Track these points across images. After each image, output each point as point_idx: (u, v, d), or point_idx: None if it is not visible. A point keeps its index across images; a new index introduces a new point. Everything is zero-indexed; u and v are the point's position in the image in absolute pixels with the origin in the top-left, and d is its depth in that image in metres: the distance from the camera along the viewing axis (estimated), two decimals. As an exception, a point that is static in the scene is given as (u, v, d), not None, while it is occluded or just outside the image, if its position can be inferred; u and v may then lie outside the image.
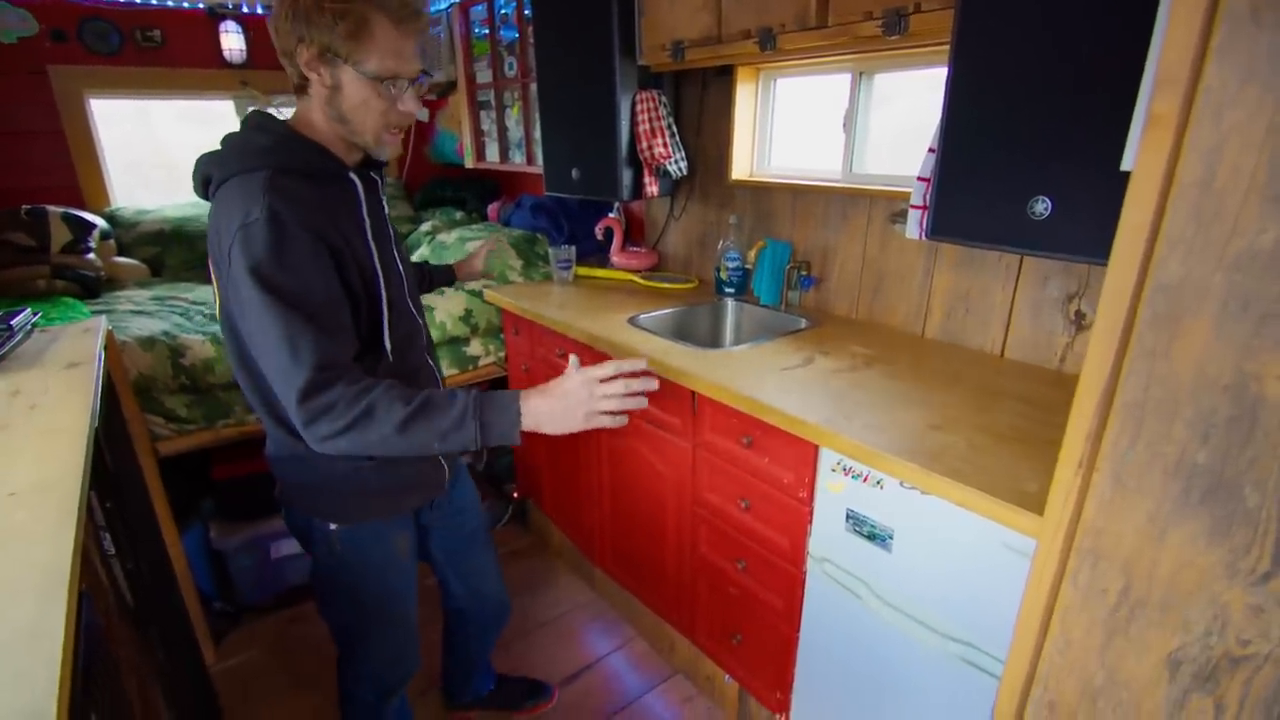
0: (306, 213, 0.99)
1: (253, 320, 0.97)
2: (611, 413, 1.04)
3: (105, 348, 1.50)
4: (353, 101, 1.02)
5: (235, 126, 1.11)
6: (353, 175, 1.11)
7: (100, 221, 2.47)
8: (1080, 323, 1.45)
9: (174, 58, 2.80)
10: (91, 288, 2.26)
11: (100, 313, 1.97)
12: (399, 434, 0.96)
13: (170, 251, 2.68)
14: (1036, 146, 1.12)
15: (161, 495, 1.79)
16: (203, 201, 3.08)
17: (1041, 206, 1.13)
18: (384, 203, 1.20)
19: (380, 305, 1.12)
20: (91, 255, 2.33)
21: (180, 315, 2.07)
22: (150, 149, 3.39)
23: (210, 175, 1.06)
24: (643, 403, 1.06)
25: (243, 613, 2.20)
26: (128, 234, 2.64)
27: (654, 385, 1.06)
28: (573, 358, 1.11)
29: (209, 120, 3.22)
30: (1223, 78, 0.59)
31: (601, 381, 1.03)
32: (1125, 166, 0.69)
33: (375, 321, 1.12)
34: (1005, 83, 1.13)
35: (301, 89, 1.06)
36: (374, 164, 1.19)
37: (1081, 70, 1.04)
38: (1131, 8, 0.95)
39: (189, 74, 2.85)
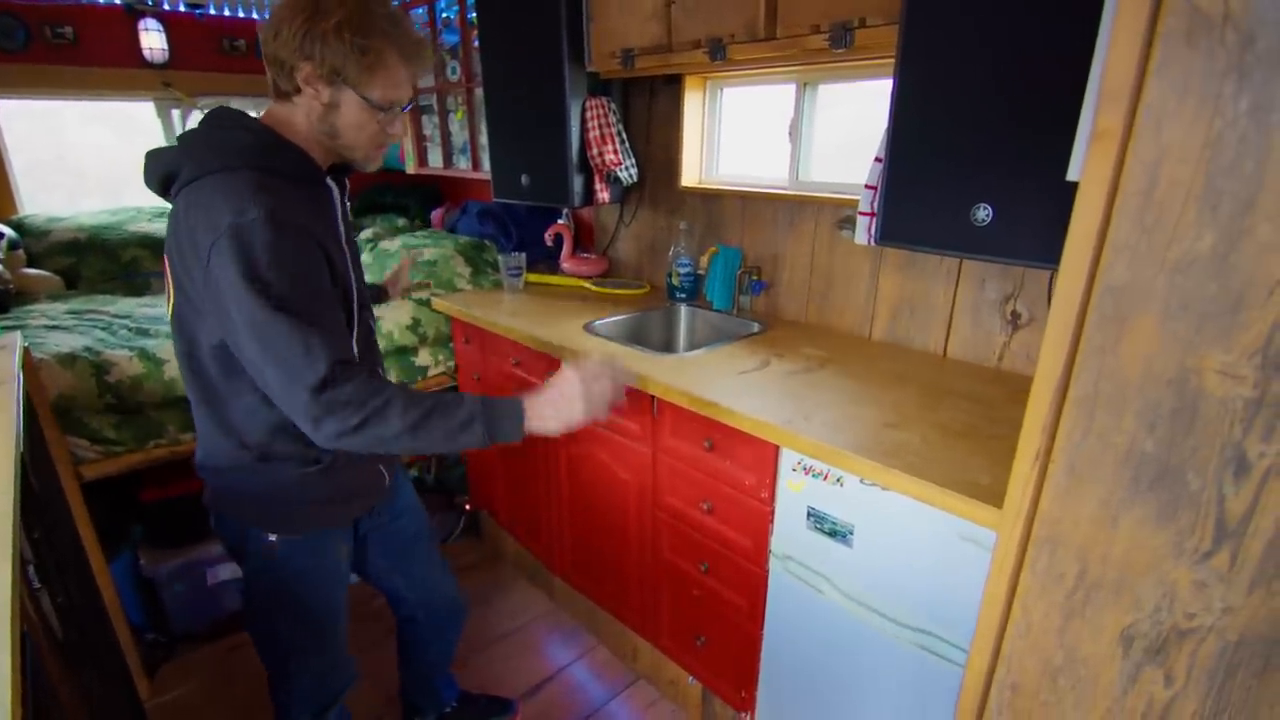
0: (302, 216, 0.99)
1: (247, 322, 0.94)
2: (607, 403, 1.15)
3: (23, 366, 1.40)
4: (348, 121, 1.05)
5: (155, 128, 1.09)
6: (330, 181, 1.11)
7: (7, 230, 2.30)
8: (1016, 322, 1.54)
9: (88, 56, 2.63)
10: (0, 302, 2.10)
11: (11, 329, 1.84)
12: (410, 433, 1.00)
13: (86, 262, 2.51)
14: (978, 156, 1.18)
15: (87, 522, 1.67)
16: (120, 209, 2.90)
17: (984, 213, 1.19)
18: (348, 210, 1.19)
19: (353, 309, 1.12)
20: (-2, 266, 2.16)
21: (103, 330, 1.95)
22: (53, 151, 3.17)
23: (175, 171, 1.01)
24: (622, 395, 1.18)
25: (177, 643, 2.07)
26: (38, 243, 2.46)
27: (634, 379, 1.17)
28: (565, 361, 1.19)
29: (119, 121, 3.04)
30: (1162, 95, 0.64)
31: (594, 377, 1.14)
32: (1071, 177, 0.74)
33: (348, 326, 1.11)
34: (948, 96, 1.19)
35: (285, 95, 1.04)
36: (343, 170, 1.18)
37: (1019, 85, 1.10)
38: (1067, 28, 1.02)
39: (105, 73, 2.68)
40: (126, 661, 1.74)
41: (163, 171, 1.03)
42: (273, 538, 1.18)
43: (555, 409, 1.11)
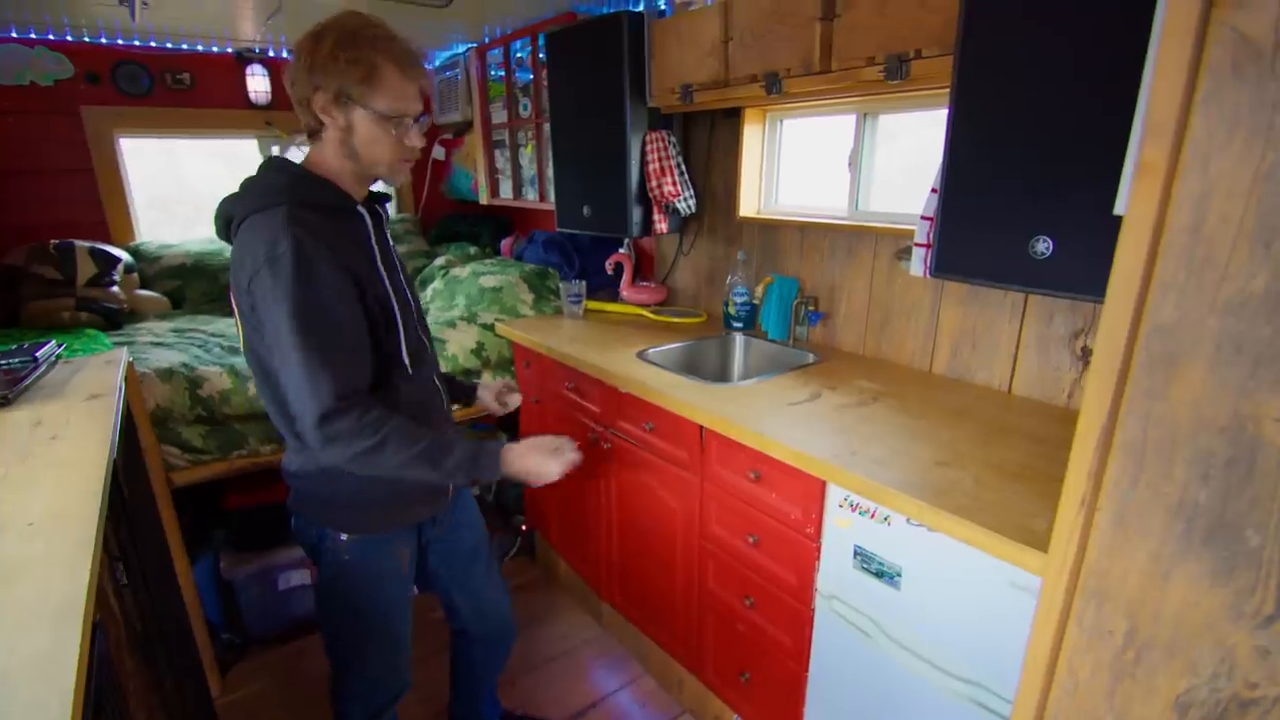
0: (329, 245, 1.08)
1: (279, 348, 1.07)
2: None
3: (125, 379, 1.54)
4: (364, 138, 1.12)
5: (258, 163, 1.20)
6: (361, 209, 1.19)
7: (125, 255, 2.55)
8: (1087, 359, 1.46)
9: (201, 99, 2.91)
10: (114, 319, 2.32)
11: (121, 344, 2.02)
12: (402, 469, 1.13)
13: (191, 284, 2.74)
14: (1037, 187, 1.14)
15: (174, 525, 1.81)
16: (223, 235, 3.13)
17: (1043, 246, 1.15)
18: (388, 234, 1.28)
19: (396, 325, 1.21)
20: (115, 288, 2.40)
21: (199, 347, 2.12)
22: (177, 185, 3.50)
23: (232, 215, 1.13)
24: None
25: (249, 644, 2.19)
26: (151, 267, 2.71)
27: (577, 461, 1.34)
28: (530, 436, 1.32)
29: (234, 157, 3.33)
30: (1209, 128, 0.61)
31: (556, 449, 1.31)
32: (1118, 211, 0.71)
33: (394, 340, 1.21)
34: (1005, 126, 1.16)
35: (315, 133, 1.15)
36: (379, 199, 1.28)
37: (1079, 114, 1.07)
38: (1125, 55, 0.98)
39: (215, 114, 2.95)
40: (200, 659, 1.85)
41: (223, 218, 1.16)
42: (344, 537, 1.28)
43: (535, 465, 1.26)
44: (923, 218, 1.46)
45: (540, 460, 1.26)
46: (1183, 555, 0.68)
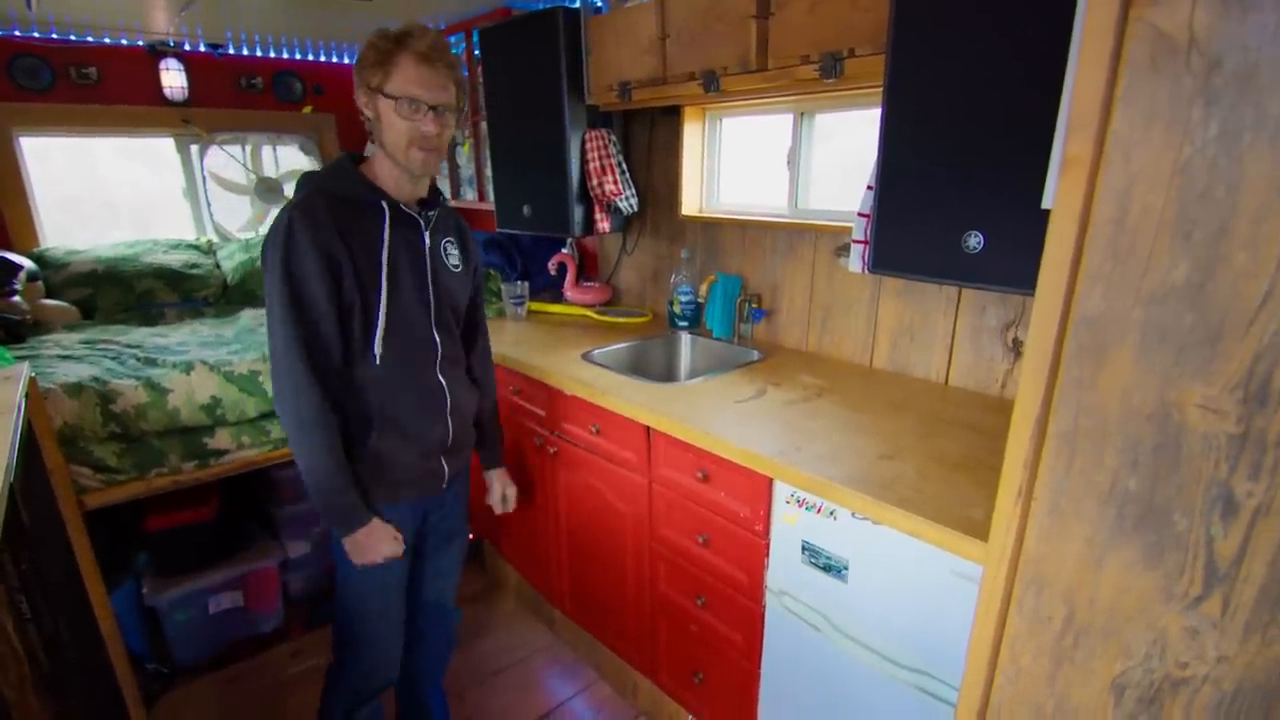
0: (317, 227, 1.17)
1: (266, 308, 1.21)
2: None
3: (27, 396, 1.42)
4: (385, 125, 1.19)
5: (176, 163, 1.21)
6: (383, 203, 1.24)
7: (27, 262, 2.37)
8: (1018, 350, 1.50)
9: (111, 95, 2.72)
10: (15, 332, 2.15)
11: (25, 358, 1.87)
12: (297, 457, 1.24)
13: (103, 292, 2.56)
14: (968, 183, 1.17)
15: (87, 551, 1.68)
16: (137, 241, 2.99)
17: (975, 240, 1.17)
18: (425, 238, 1.31)
19: (376, 314, 1.23)
20: (17, 298, 2.22)
21: (112, 359, 1.98)
22: (89, 185, 3.27)
23: None
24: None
25: (177, 673, 2.07)
26: (57, 275, 2.52)
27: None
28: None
29: (149, 156, 3.13)
30: (1129, 122, 0.62)
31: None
32: (1046, 205, 0.72)
33: (367, 329, 1.24)
34: (936, 123, 1.18)
35: (369, 136, 1.26)
36: (431, 205, 1.33)
37: (1007, 111, 1.09)
38: (1048, 53, 1.01)
39: (127, 111, 2.77)
40: (122, 692, 1.73)
41: None
42: None
43: (357, 547, 1.31)
44: (859, 215, 1.47)
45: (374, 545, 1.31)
46: (1115, 541, 0.70)
